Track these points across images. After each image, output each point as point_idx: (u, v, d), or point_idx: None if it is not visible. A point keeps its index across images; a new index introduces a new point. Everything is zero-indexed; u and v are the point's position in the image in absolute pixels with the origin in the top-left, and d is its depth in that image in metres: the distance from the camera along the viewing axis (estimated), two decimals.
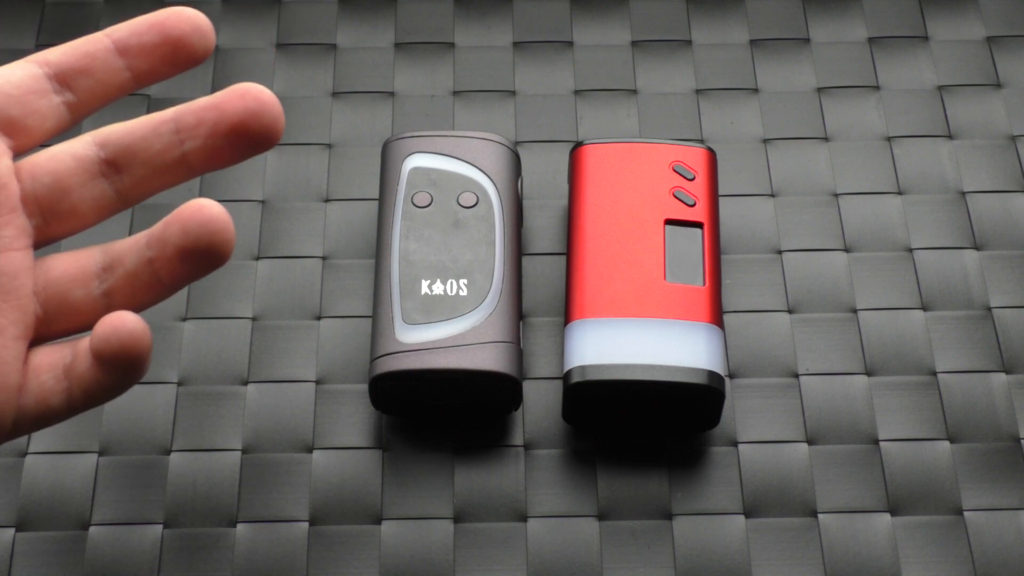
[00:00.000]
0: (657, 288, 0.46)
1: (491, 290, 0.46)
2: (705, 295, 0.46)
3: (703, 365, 0.45)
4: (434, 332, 0.45)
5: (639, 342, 0.45)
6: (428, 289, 0.46)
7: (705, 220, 0.48)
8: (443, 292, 0.46)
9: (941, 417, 0.48)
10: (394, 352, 0.45)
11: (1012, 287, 0.51)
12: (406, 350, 0.45)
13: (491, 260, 0.47)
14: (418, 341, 0.45)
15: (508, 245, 0.48)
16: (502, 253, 0.47)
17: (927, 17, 0.58)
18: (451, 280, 0.46)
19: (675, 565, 0.45)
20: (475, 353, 0.45)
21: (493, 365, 0.45)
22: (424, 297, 0.46)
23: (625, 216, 0.48)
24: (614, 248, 0.47)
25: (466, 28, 0.57)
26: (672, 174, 0.49)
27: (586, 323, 0.46)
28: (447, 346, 0.45)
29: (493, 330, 0.46)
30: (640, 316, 0.45)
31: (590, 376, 0.44)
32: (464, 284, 0.46)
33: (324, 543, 0.45)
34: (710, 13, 0.58)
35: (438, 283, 0.46)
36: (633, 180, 0.49)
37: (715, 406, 0.45)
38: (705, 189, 0.49)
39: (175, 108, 0.39)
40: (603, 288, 0.46)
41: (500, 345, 0.45)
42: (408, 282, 0.46)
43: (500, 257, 0.47)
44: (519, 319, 0.47)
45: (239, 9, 0.58)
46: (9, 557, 0.45)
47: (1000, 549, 0.45)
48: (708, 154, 0.49)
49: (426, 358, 0.45)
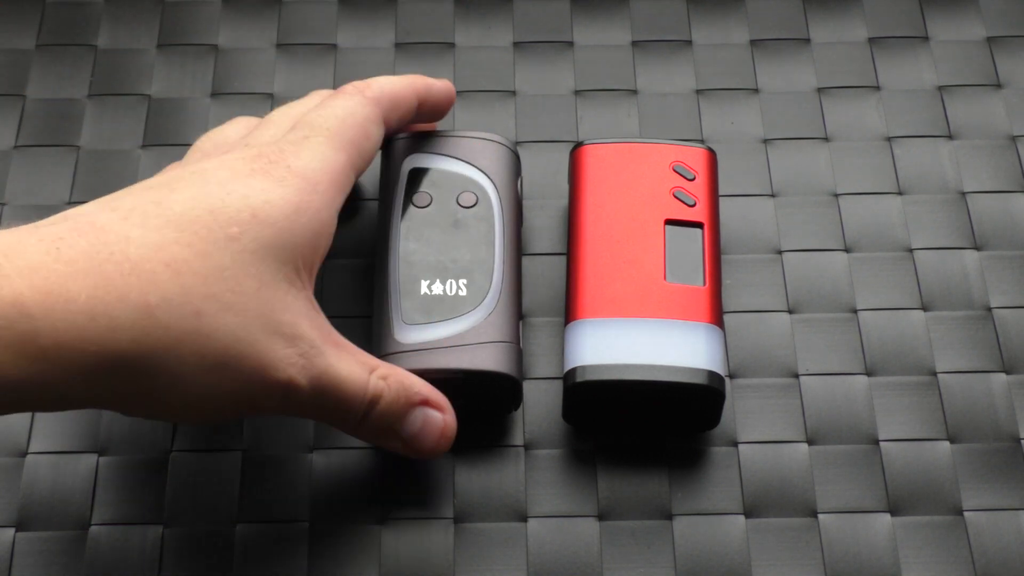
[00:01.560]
0: (657, 288, 0.46)
1: (490, 290, 0.46)
2: (705, 295, 0.46)
3: (703, 365, 0.45)
4: (433, 332, 0.45)
5: (639, 342, 0.45)
6: (427, 289, 0.46)
7: (705, 220, 0.48)
8: (442, 292, 0.46)
9: (941, 417, 0.48)
10: (394, 352, 0.45)
11: (1012, 287, 0.51)
12: (406, 350, 0.45)
13: (490, 260, 0.47)
14: (417, 341, 0.45)
15: (508, 245, 0.48)
16: (502, 253, 0.47)
17: (927, 17, 0.58)
18: (450, 280, 0.46)
19: (675, 565, 0.45)
20: (475, 353, 0.45)
21: (493, 365, 0.45)
22: (423, 297, 0.46)
23: (625, 216, 0.48)
24: (614, 248, 0.47)
25: (466, 28, 0.57)
26: (672, 174, 0.49)
27: (586, 323, 0.46)
28: (447, 346, 0.45)
29: (493, 330, 0.46)
30: (640, 316, 0.45)
31: (590, 376, 0.44)
32: (463, 284, 0.46)
33: (324, 543, 0.45)
34: (710, 13, 0.58)
35: (437, 283, 0.46)
36: (633, 180, 0.48)
37: (715, 406, 0.45)
38: (705, 189, 0.49)
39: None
40: (603, 288, 0.46)
41: (500, 345, 0.45)
42: (408, 282, 0.46)
43: (500, 257, 0.47)
44: (519, 319, 0.47)
45: (239, 9, 0.58)
46: (9, 557, 0.45)
47: (1000, 549, 0.45)
48: (708, 154, 0.49)
49: (426, 358, 0.45)
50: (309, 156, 0.42)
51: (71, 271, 0.37)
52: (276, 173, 0.41)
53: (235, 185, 0.40)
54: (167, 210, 0.39)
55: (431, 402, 0.44)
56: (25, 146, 0.54)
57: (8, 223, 0.52)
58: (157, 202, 0.39)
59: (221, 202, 0.39)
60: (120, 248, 0.38)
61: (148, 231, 0.38)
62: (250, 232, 0.39)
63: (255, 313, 0.39)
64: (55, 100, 0.55)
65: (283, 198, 0.40)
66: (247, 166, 0.41)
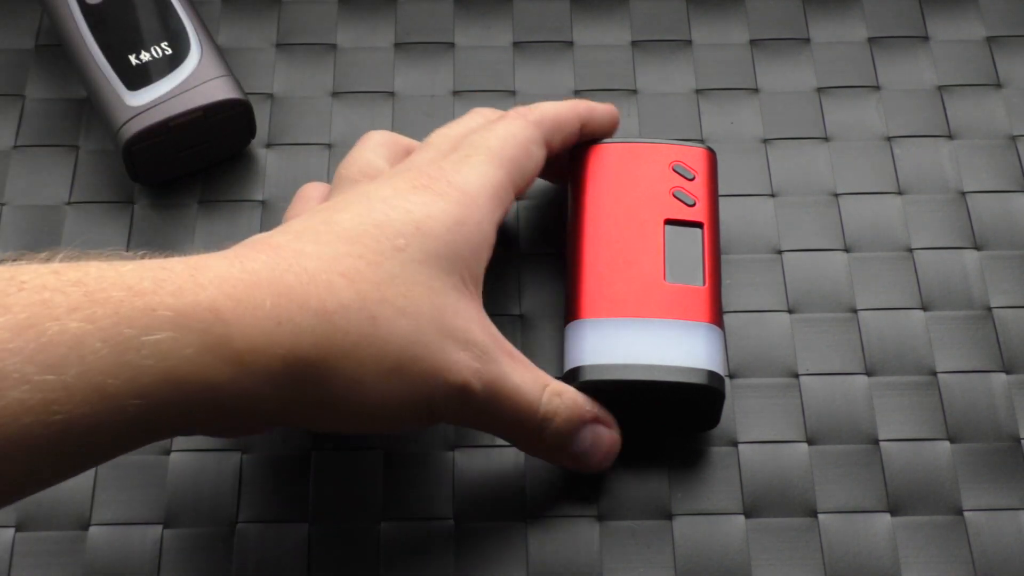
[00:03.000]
0: (657, 288, 0.46)
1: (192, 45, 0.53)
2: (705, 295, 0.46)
3: (703, 365, 0.45)
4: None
5: (639, 342, 0.45)
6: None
7: (705, 220, 0.48)
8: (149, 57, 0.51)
9: (941, 417, 0.48)
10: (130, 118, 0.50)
11: (1012, 287, 0.51)
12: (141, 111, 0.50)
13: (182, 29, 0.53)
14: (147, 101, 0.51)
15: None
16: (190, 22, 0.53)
17: (927, 17, 0.58)
18: (153, 47, 0.51)
19: (675, 565, 0.45)
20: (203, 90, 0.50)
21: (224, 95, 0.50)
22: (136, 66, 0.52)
23: (625, 216, 0.48)
24: (614, 248, 0.47)
25: (466, 28, 0.57)
26: (672, 174, 0.49)
27: (586, 323, 0.46)
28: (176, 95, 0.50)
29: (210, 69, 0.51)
30: (640, 316, 0.45)
31: (591, 376, 0.44)
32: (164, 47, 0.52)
33: (324, 543, 0.45)
34: (710, 13, 0.58)
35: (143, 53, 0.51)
36: (633, 180, 0.48)
37: (715, 406, 0.45)
38: (705, 189, 0.49)
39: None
40: (603, 288, 0.46)
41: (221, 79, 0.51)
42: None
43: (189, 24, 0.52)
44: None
45: (239, 9, 0.58)
46: (9, 557, 0.45)
47: (1000, 549, 0.45)
48: (708, 154, 0.49)
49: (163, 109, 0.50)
50: (468, 172, 0.44)
51: (255, 280, 0.38)
52: (437, 188, 0.43)
53: (398, 201, 0.42)
54: (336, 227, 0.41)
55: (600, 419, 0.45)
56: (25, 146, 0.54)
57: (8, 223, 0.52)
58: (326, 221, 0.41)
59: (386, 217, 0.41)
60: (296, 261, 0.39)
61: (321, 246, 0.40)
62: (415, 243, 0.41)
63: (428, 317, 0.40)
64: (55, 100, 0.55)
65: (444, 211, 0.42)
66: (408, 183, 0.43)
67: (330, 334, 0.39)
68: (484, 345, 0.42)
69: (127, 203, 0.53)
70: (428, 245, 0.41)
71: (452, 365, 0.41)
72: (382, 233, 0.41)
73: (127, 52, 0.51)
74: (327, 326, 0.39)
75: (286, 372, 0.38)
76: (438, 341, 0.40)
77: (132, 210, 0.52)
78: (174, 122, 0.50)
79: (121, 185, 0.53)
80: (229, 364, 0.37)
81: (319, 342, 0.39)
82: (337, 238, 0.41)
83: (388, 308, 0.40)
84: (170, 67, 0.51)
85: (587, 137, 0.50)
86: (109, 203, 0.52)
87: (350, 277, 0.40)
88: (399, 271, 0.40)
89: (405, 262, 0.41)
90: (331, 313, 0.39)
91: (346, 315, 0.39)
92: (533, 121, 0.47)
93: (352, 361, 0.39)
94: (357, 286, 0.40)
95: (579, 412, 0.44)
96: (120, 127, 0.49)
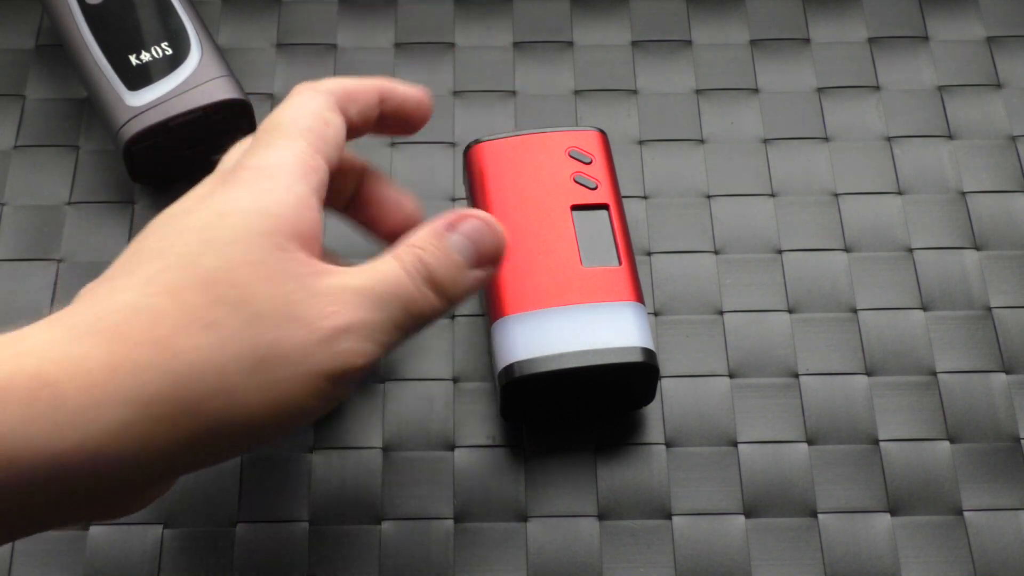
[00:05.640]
0: (576, 274, 0.46)
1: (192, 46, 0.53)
2: (623, 274, 0.46)
3: (635, 343, 0.45)
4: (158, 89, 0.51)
5: (568, 330, 0.45)
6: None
7: (610, 201, 0.48)
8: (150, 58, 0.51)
9: (941, 417, 0.48)
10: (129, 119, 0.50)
11: (1012, 287, 0.51)
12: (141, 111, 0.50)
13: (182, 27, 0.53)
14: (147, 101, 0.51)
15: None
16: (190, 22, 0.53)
17: (927, 17, 0.58)
18: (154, 47, 0.51)
19: (675, 565, 0.45)
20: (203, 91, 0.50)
21: (223, 95, 0.50)
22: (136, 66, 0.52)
23: (531, 208, 0.48)
24: (527, 241, 0.47)
25: (466, 28, 0.57)
26: (570, 160, 0.49)
27: (511, 319, 0.45)
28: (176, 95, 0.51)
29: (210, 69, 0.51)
30: (564, 304, 0.45)
31: (526, 371, 0.44)
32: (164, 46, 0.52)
33: (324, 543, 0.45)
34: (710, 13, 0.58)
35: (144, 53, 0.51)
36: (532, 171, 0.48)
37: (650, 382, 0.45)
38: (604, 171, 0.49)
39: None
40: (523, 282, 0.46)
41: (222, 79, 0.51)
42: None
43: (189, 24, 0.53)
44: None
45: (239, 9, 0.58)
46: (9, 557, 0.45)
47: (1000, 549, 0.45)
48: (600, 135, 0.49)
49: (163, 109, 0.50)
50: (264, 151, 0.41)
51: (77, 334, 0.35)
52: (236, 178, 0.40)
53: (199, 203, 0.39)
54: (143, 252, 0.38)
55: (447, 223, 0.41)
56: (25, 146, 0.54)
57: (8, 223, 0.52)
58: (134, 251, 0.39)
59: (189, 219, 0.39)
60: (112, 298, 0.37)
61: (131, 276, 0.37)
62: (225, 232, 0.38)
63: (262, 297, 0.37)
64: (55, 100, 0.55)
65: (240, 190, 0.39)
66: (210, 185, 0.40)
67: (170, 361, 0.36)
68: (327, 286, 0.38)
69: (127, 203, 0.53)
70: (238, 226, 0.38)
71: (315, 319, 0.38)
72: (189, 236, 0.38)
73: (127, 52, 0.51)
74: (166, 352, 0.36)
75: (144, 415, 0.35)
76: (286, 312, 0.37)
77: (132, 210, 0.52)
78: (174, 122, 0.50)
79: (121, 185, 0.53)
80: (68, 428, 0.34)
81: (164, 371, 0.36)
82: (144, 260, 0.38)
83: (222, 307, 0.37)
84: (170, 67, 0.51)
85: (392, 115, 0.46)
86: (109, 203, 0.52)
87: (169, 290, 0.37)
88: (216, 264, 0.37)
89: (221, 253, 0.38)
90: (165, 339, 0.36)
91: (184, 331, 0.36)
92: (323, 91, 0.44)
93: (211, 370, 0.36)
94: (180, 297, 0.37)
95: (431, 240, 0.41)
96: (120, 127, 0.50)
